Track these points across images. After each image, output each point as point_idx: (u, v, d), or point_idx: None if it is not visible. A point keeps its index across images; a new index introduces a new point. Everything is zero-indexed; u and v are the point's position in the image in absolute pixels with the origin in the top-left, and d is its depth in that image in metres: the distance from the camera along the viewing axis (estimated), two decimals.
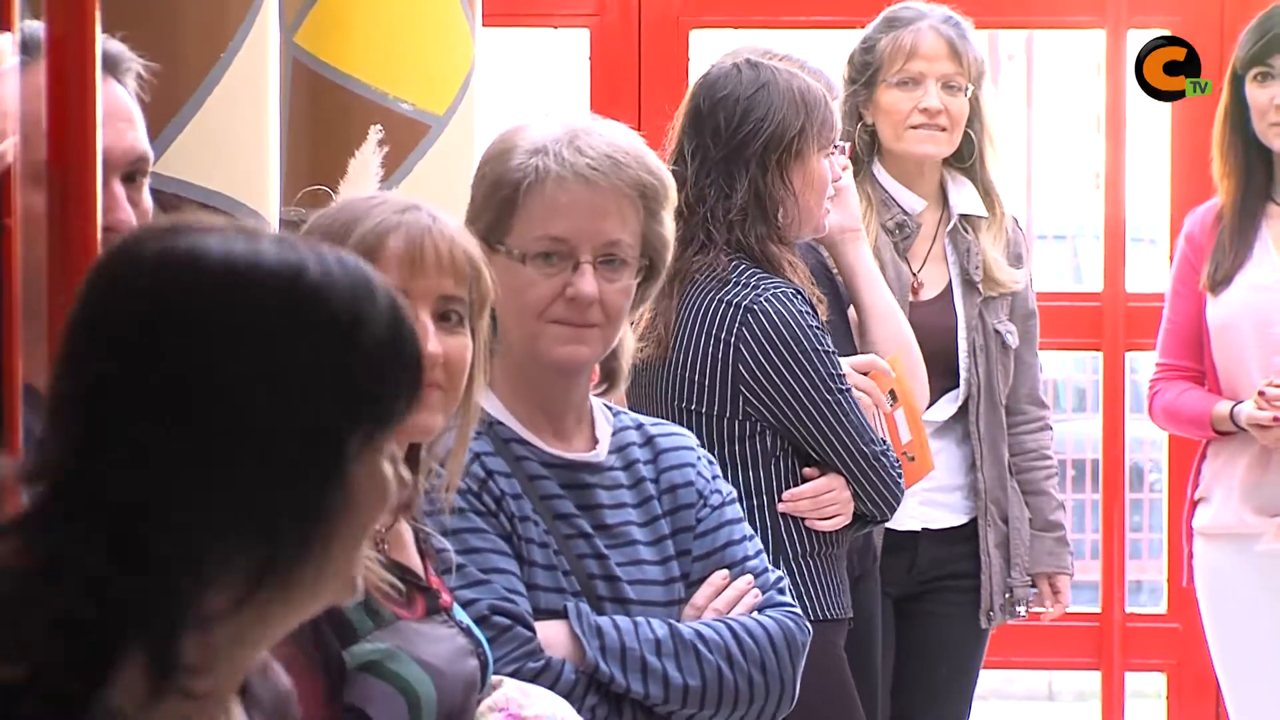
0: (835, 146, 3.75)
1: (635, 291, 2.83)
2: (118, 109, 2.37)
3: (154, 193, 2.54)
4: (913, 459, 3.97)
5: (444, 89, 3.76)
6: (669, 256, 2.86)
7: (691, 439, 2.92)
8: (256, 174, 3.31)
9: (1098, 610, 5.37)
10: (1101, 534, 5.45)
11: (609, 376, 2.90)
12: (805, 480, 3.65)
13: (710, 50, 3.84)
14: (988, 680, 8.47)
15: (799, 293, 3.64)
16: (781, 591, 2.85)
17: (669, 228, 2.85)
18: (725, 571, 2.82)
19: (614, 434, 2.85)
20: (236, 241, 1.65)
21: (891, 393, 3.90)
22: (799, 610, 2.85)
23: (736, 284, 3.63)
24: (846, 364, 3.85)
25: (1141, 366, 7.52)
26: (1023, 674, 8.31)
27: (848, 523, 3.70)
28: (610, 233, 2.79)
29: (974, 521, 4.38)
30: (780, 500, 3.64)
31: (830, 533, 3.69)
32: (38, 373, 1.97)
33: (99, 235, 2.06)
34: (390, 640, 2.46)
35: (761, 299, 3.60)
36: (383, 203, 2.55)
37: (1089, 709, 6.09)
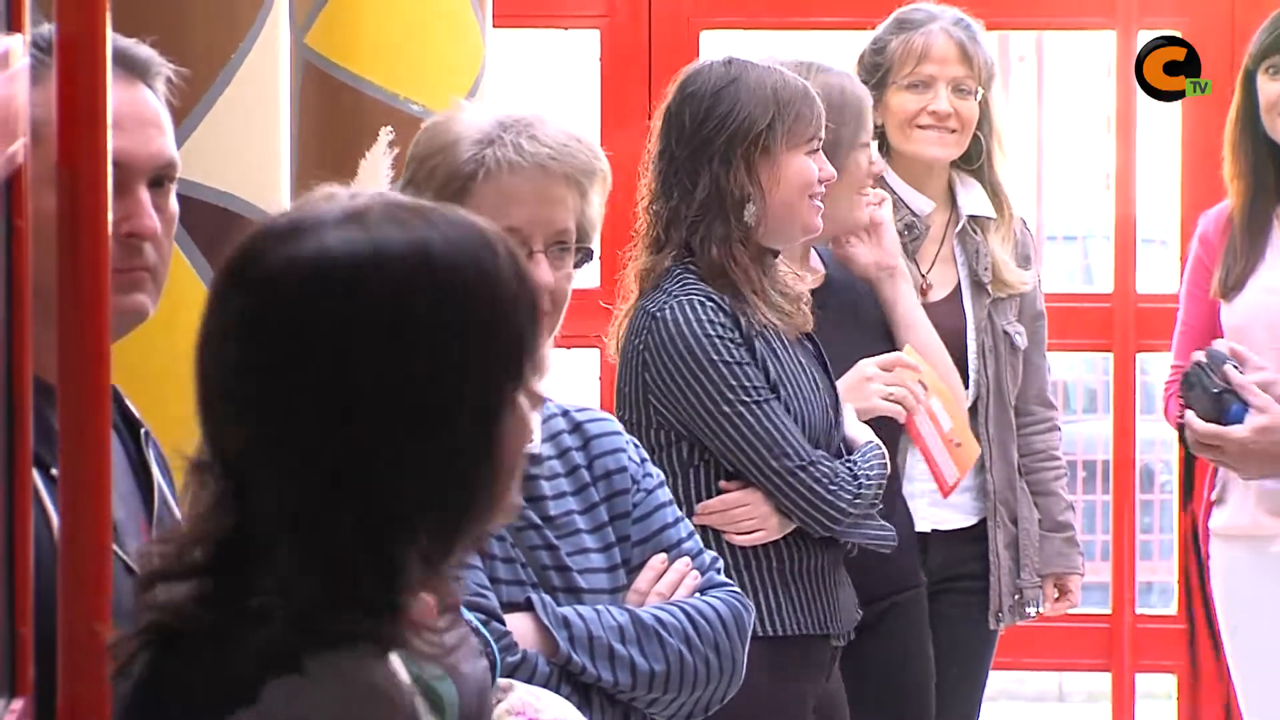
0: (818, 141, 3.65)
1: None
2: (147, 114, 2.36)
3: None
4: (959, 445, 3.92)
5: (454, 90, 3.75)
6: (594, 236, 2.84)
7: (616, 423, 2.91)
8: (267, 175, 3.30)
9: (1108, 611, 5.36)
10: (1111, 535, 5.44)
11: None
12: (721, 493, 3.57)
13: (720, 52, 3.80)
14: (997, 681, 8.45)
15: (711, 299, 3.53)
16: (718, 571, 2.86)
17: (597, 209, 2.82)
18: (663, 555, 2.82)
19: (544, 422, 2.84)
20: (353, 231, 1.75)
21: (920, 384, 3.86)
22: (739, 590, 2.86)
23: (660, 289, 3.56)
24: (871, 365, 3.81)
25: (1152, 368, 7.52)
26: (1033, 675, 8.30)
27: (773, 538, 3.58)
28: (561, 221, 2.77)
29: (983, 522, 4.37)
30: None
31: (772, 548, 3.58)
32: (47, 370, 1.97)
33: (109, 237, 2.05)
34: None
35: (668, 306, 3.52)
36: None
37: (1099, 710, 6.08)
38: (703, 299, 3.53)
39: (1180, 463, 5.08)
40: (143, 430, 2.34)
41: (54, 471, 2.02)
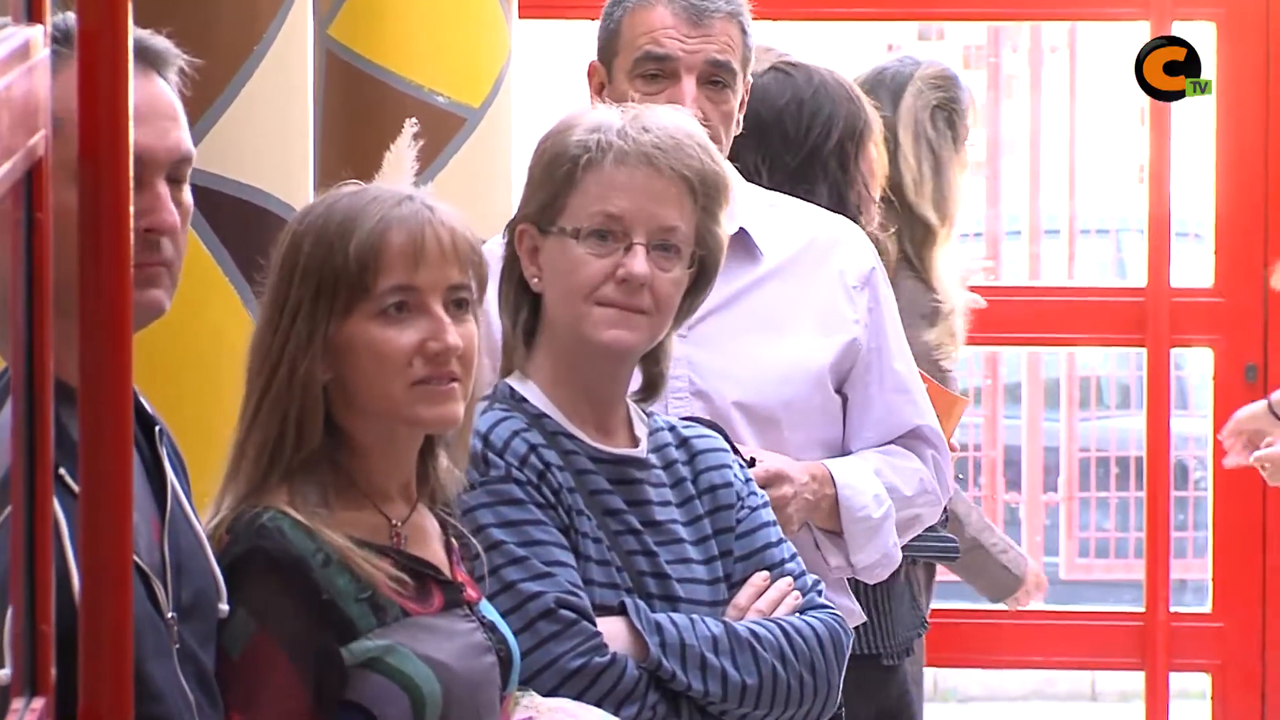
0: None
1: (686, 291, 2.76)
2: (163, 107, 2.34)
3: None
4: None
5: (480, 82, 3.78)
6: (722, 258, 2.78)
7: (722, 441, 2.88)
8: (291, 168, 3.30)
9: (1142, 610, 5.33)
10: (1145, 532, 5.40)
11: (650, 383, 2.83)
12: None
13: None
14: (1029, 681, 8.44)
15: None
16: (820, 594, 2.81)
17: (724, 228, 2.77)
18: (766, 573, 2.78)
19: (650, 434, 2.81)
20: None
21: None
22: (840, 613, 2.82)
23: None
24: None
25: (1187, 363, 7.48)
26: (1065, 674, 8.26)
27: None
28: (667, 218, 2.72)
29: None
30: None
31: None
32: (68, 368, 1.95)
33: (131, 231, 2.03)
34: (393, 636, 2.46)
35: None
36: (375, 198, 2.52)
37: (1133, 710, 6.04)
38: None
39: None
40: (157, 427, 2.32)
41: (62, 472, 2.00)
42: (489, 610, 2.57)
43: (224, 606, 2.35)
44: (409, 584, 2.48)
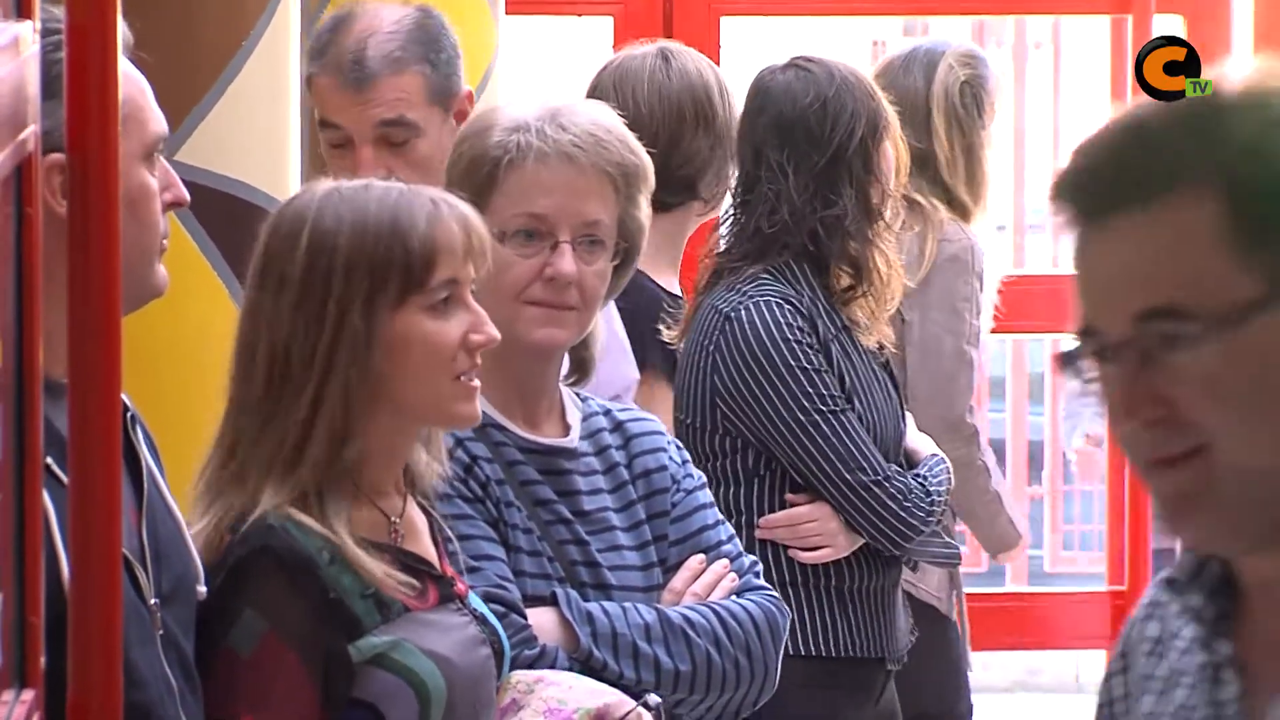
0: None
1: (610, 277, 2.79)
2: (145, 88, 2.37)
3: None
4: None
5: (469, 74, 3.75)
6: (643, 243, 2.81)
7: (659, 424, 2.90)
8: (276, 163, 3.31)
9: (1124, 587, 5.35)
10: (1129, 513, 5.42)
11: (580, 366, 2.87)
12: (786, 506, 3.47)
13: (741, 39, 3.78)
14: (1012, 672, 8.45)
15: (788, 301, 3.45)
16: (757, 575, 2.82)
17: (645, 213, 2.81)
18: (702, 556, 2.80)
19: (584, 420, 2.82)
20: None
21: None
22: (777, 594, 2.82)
23: (733, 289, 3.48)
24: None
25: None
26: (1049, 665, 8.29)
27: (840, 555, 3.48)
28: (591, 213, 2.75)
29: None
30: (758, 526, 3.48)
31: (833, 565, 3.49)
32: (57, 364, 1.97)
33: (119, 224, 2.05)
34: (397, 632, 2.47)
35: (743, 307, 3.45)
36: (402, 193, 2.53)
37: None
38: (780, 300, 3.45)
39: None
40: (129, 413, 2.32)
41: (49, 463, 2.01)
42: (478, 603, 2.59)
43: (202, 589, 2.36)
44: (413, 582, 2.49)
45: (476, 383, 2.50)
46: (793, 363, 3.44)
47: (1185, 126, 1.70)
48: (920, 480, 3.53)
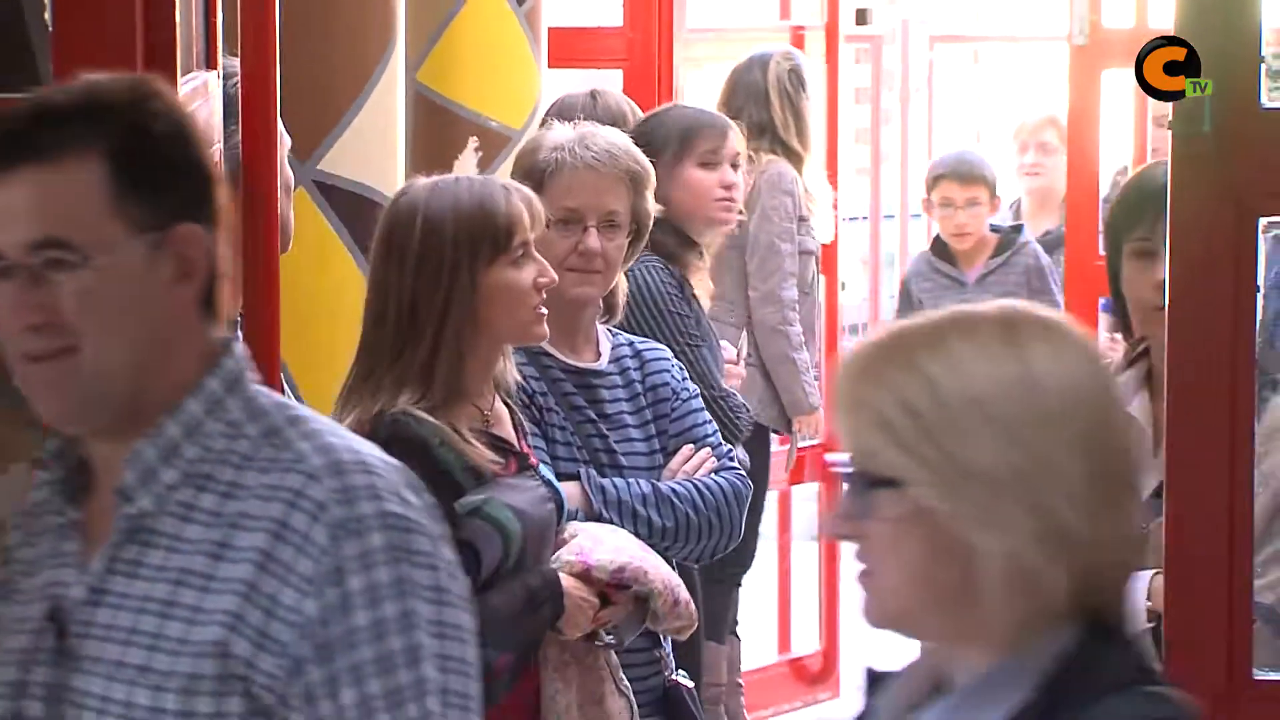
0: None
1: (626, 249, 3.53)
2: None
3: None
4: None
5: (520, 110, 4.44)
6: (649, 225, 3.59)
7: (667, 352, 3.58)
8: (389, 171, 3.91)
9: None
10: None
11: (610, 309, 3.59)
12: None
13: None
14: None
15: (664, 267, 4.25)
16: (731, 459, 3.51)
17: (651, 205, 3.56)
18: (691, 446, 3.48)
19: (612, 349, 3.51)
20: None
21: None
22: (743, 472, 3.51)
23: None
24: None
25: None
26: None
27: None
28: (610, 205, 3.48)
29: None
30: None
31: None
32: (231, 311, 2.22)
33: (279, 229, 2.57)
34: (487, 492, 3.03)
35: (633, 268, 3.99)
36: (485, 182, 3.16)
37: None
38: (659, 264, 4.30)
39: None
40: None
41: None
42: (546, 471, 3.22)
43: None
44: (498, 458, 3.05)
45: (544, 310, 3.11)
46: (666, 309, 4.25)
47: (81, 108, 1.95)
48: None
